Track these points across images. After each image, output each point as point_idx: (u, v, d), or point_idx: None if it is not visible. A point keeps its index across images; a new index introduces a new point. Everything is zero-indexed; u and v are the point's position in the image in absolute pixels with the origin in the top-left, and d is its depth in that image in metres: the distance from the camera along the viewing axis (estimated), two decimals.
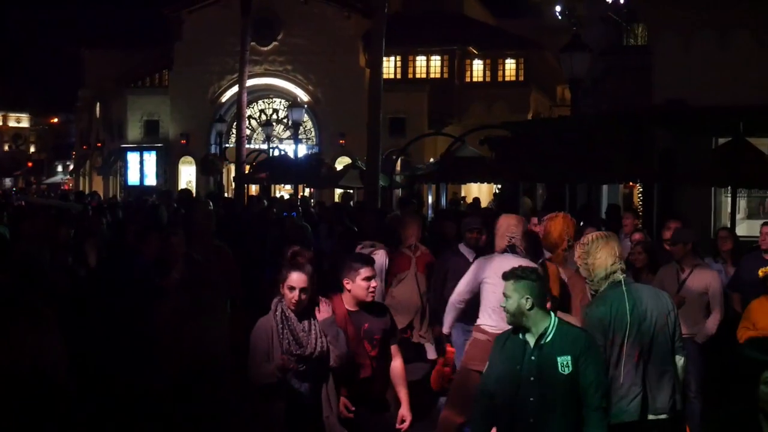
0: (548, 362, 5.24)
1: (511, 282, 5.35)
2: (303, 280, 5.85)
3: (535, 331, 5.30)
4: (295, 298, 5.83)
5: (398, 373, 6.44)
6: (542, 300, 5.37)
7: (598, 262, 5.85)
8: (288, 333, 5.81)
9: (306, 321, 5.91)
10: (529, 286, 5.30)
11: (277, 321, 5.85)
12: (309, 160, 32.14)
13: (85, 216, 15.44)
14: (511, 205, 20.62)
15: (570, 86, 17.30)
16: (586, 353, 5.27)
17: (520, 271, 5.41)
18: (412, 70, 45.64)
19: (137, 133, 48.69)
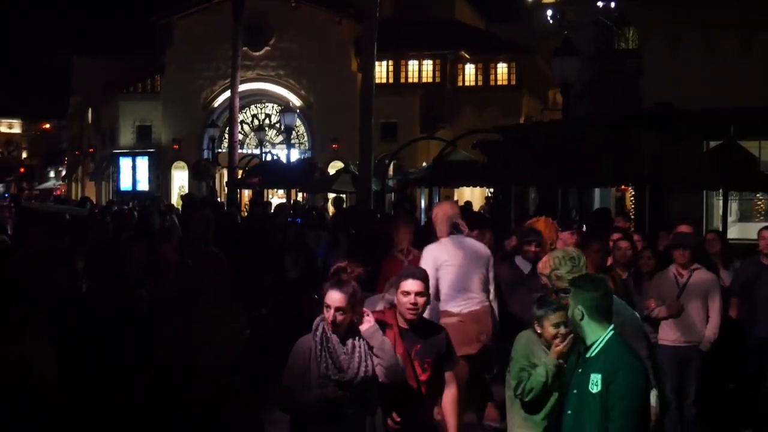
0: (585, 377, 5.03)
1: (571, 290, 5.21)
2: (339, 299, 5.31)
3: (587, 343, 5.12)
4: (330, 317, 5.32)
5: (450, 403, 5.90)
6: (595, 312, 5.09)
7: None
8: (326, 356, 5.30)
9: (350, 342, 5.36)
10: (582, 297, 5.10)
11: (316, 342, 5.36)
12: (302, 165, 32.17)
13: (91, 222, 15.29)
14: (503, 209, 20.72)
15: (561, 90, 17.36)
16: (613, 376, 4.94)
17: (579, 280, 5.30)
18: (403, 75, 45.68)
19: (129, 139, 48.64)
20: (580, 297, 5.10)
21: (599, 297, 5.12)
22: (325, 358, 5.29)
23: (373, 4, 22.54)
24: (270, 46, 44.90)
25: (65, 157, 71.72)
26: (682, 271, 8.63)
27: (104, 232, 11.57)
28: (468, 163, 23.43)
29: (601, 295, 5.14)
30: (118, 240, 10.73)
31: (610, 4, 26.20)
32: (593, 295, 5.10)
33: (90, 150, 55.73)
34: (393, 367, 5.39)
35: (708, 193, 16.43)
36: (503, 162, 19.58)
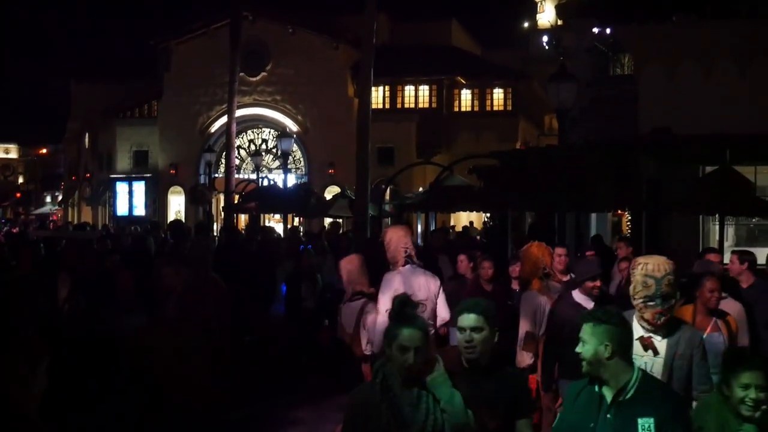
0: (626, 423, 4.44)
1: (590, 325, 4.60)
2: (418, 337, 4.57)
3: (614, 384, 4.52)
4: (409, 361, 4.51)
5: None
6: (625, 349, 4.61)
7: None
8: (386, 408, 4.53)
9: (414, 390, 4.57)
10: (610, 332, 4.53)
11: (376, 391, 4.58)
12: (298, 190, 32.11)
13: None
14: (500, 234, 20.71)
15: (557, 115, 17.43)
16: (673, 418, 4.43)
17: (602, 314, 4.69)
18: (400, 100, 45.80)
19: (126, 164, 48.69)
20: (609, 332, 4.54)
21: (628, 333, 4.70)
22: (386, 412, 4.54)
23: (370, 30, 22.63)
24: (267, 72, 45.07)
25: (62, 182, 71.74)
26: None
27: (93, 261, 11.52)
28: (464, 188, 23.43)
29: (629, 330, 4.73)
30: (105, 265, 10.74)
31: (605, 31, 26.30)
32: (623, 330, 4.63)
33: (87, 175, 55.76)
34: (462, 427, 4.65)
35: (704, 218, 16.46)
36: (500, 187, 19.59)
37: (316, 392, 11.46)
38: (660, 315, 5.61)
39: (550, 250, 8.87)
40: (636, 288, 5.68)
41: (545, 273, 8.56)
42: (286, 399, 11.40)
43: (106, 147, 50.41)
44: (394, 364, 4.56)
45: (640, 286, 5.64)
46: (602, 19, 22.66)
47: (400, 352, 4.51)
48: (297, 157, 44.74)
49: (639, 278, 5.66)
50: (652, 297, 5.56)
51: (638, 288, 5.65)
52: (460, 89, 45.85)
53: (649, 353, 5.65)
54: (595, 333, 4.55)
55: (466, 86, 45.72)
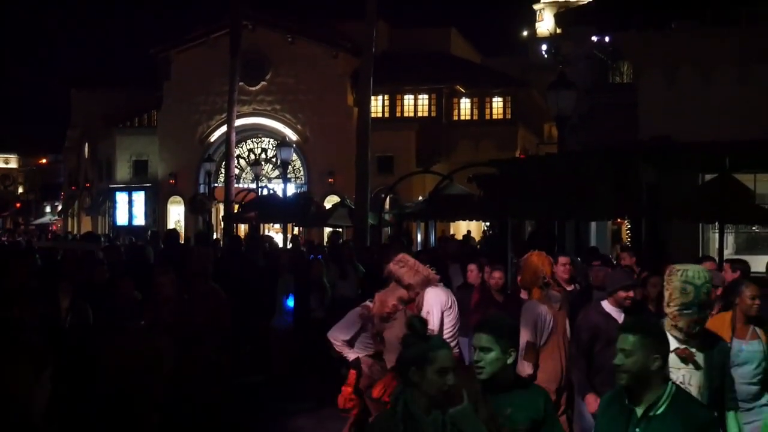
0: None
1: (637, 336, 4.34)
2: (452, 357, 4.30)
3: (646, 398, 4.32)
4: (449, 382, 4.17)
5: None
6: (666, 361, 4.45)
7: None
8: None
9: (439, 419, 4.18)
10: (658, 343, 4.36)
11: (397, 421, 4.19)
12: (298, 199, 32.09)
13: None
14: (500, 243, 20.67)
15: (557, 123, 17.40)
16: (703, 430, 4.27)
17: (649, 325, 4.54)
18: (399, 109, 45.80)
19: (126, 173, 48.68)
20: (656, 345, 4.35)
21: (668, 345, 4.52)
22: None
23: (370, 39, 22.65)
24: (266, 81, 45.08)
25: (61, 192, 71.74)
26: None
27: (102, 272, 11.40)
28: (464, 197, 23.44)
29: (668, 342, 4.54)
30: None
31: (604, 38, 26.31)
32: (666, 342, 4.47)
33: (86, 184, 55.75)
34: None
35: (704, 226, 16.44)
36: (499, 195, 19.56)
37: (316, 401, 11.43)
38: (695, 324, 5.46)
39: (550, 260, 8.78)
40: (672, 295, 5.50)
41: (545, 282, 8.44)
42: (286, 407, 11.39)
43: (106, 156, 50.41)
44: (429, 388, 4.16)
45: (677, 293, 5.46)
46: (601, 27, 22.67)
47: (438, 375, 4.15)
48: (297, 166, 44.73)
49: (677, 285, 5.48)
50: (690, 305, 5.41)
51: (675, 295, 5.48)
52: (460, 98, 45.86)
53: (689, 366, 5.49)
54: (644, 345, 4.32)
55: (466, 95, 45.72)
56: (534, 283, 8.48)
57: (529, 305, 8.43)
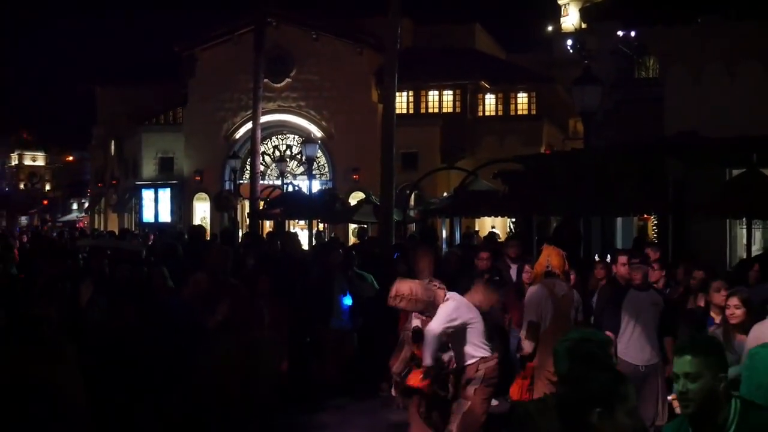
0: None
1: (700, 357, 3.82)
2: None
3: (713, 422, 3.80)
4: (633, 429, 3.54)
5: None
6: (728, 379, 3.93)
7: None
8: None
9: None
10: (723, 360, 3.86)
11: None
12: (323, 196, 32.18)
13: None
14: (525, 239, 20.64)
15: (582, 119, 17.33)
16: None
17: (712, 341, 4.14)
18: (424, 105, 45.75)
19: (152, 171, 48.93)
20: (721, 362, 3.85)
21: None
22: None
23: (394, 35, 22.64)
24: (291, 78, 45.17)
25: (88, 189, 72.22)
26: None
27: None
28: (489, 193, 23.40)
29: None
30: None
31: (630, 33, 26.18)
32: (726, 357, 3.98)
33: (113, 182, 56.08)
34: None
35: (731, 222, 16.33)
36: (524, 191, 19.54)
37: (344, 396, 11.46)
38: None
39: (559, 253, 9.45)
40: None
41: (548, 272, 9.24)
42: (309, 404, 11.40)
43: (132, 154, 50.70)
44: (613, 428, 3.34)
45: None
46: (626, 22, 22.52)
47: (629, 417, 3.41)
48: (321, 162, 44.80)
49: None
50: None
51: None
52: (484, 93, 45.74)
53: None
54: (709, 365, 3.80)
55: (490, 90, 45.61)
56: (539, 272, 9.42)
57: (531, 289, 9.43)
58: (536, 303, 9.14)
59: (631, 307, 9.08)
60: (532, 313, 9.15)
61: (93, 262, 12.26)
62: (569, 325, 9.01)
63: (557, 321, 9.03)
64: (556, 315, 9.06)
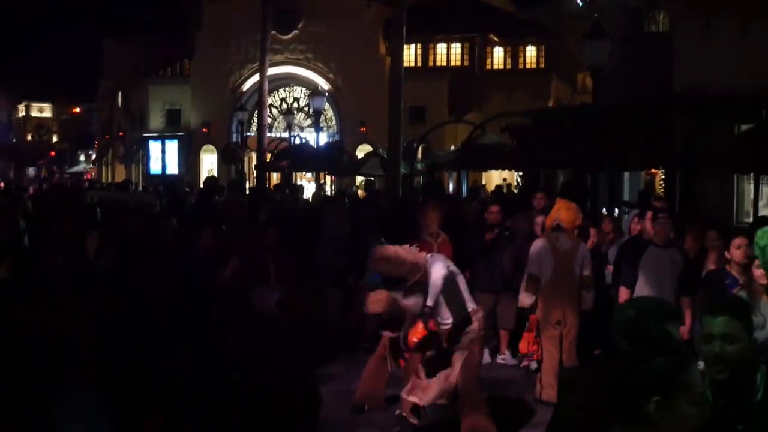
0: (765, 430, 3.47)
1: (737, 319, 3.54)
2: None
3: (739, 390, 3.51)
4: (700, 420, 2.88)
5: None
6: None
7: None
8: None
9: None
10: (752, 324, 3.61)
11: None
12: (330, 149, 32.19)
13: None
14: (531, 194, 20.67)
15: (591, 74, 17.31)
16: None
17: (748, 304, 3.97)
18: (432, 58, 45.53)
19: (159, 123, 48.92)
20: (751, 325, 3.60)
21: None
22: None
23: None
24: (299, 30, 44.93)
25: (95, 141, 72.24)
26: None
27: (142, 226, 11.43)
28: (496, 147, 23.41)
29: None
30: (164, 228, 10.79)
31: None
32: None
33: (120, 134, 56.11)
34: None
35: (739, 177, 16.33)
36: (532, 146, 19.54)
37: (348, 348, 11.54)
38: None
39: (570, 206, 9.44)
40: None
41: (556, 225, 9.30)
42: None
43: (139, 106, 50.65)
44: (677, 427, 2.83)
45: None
46: None
47: (693, 407, 2.82)
48: (329, 115, 44.72)
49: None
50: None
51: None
52: (493, 47, 45.50)
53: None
54: (745, 327, 3.55)
55: (499, 44, 45.37)
56: (549, 226, 9.46)
57: (535, 242, 9.50)
58: (537, 257, 9.25)
59: (650, 263, 8.60)
60: (533, 267, 9.28)
61: (103, 214, 12.36)
62: (572, 279, 9.13)
63: (559, 275, 9.12)
64: (558, 269, 9.11)
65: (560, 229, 9.32)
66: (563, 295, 9.12)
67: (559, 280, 9.07)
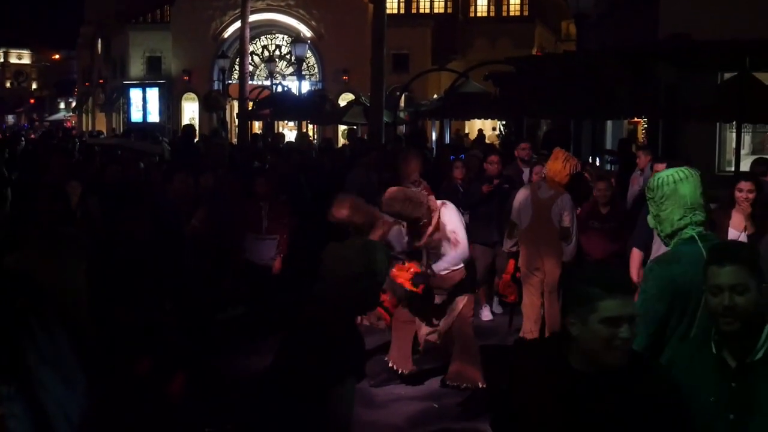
0: (758, 391, 3.29)
1: (745, 267, 3.33)
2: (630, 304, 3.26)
3: (741, 345, 3.32)
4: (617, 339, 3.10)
5: None
6: None
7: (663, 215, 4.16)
8: None
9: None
10: (761, 271, 3.37)
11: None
12: (312, 97, 31.98)
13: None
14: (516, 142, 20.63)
15: (575, 21, 17.16)
16: None
17: (755, 249, 3.73)
18: (415, 5, 45.22)
19: (139, 70, 48.46)
20: (761, 272, 3.35)
21: None
22: None
23: None
24: None
25: (75, 88, 71.54)
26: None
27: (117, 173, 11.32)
28: (480, 95, 23.30)
29: None
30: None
31: None
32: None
33: (100, 81, 55.58)
34: None
35: (721, 126, 16.33)
36: (516, 94, 19.46)
37: None
38: None
39: (556, 155, 9.34)
40: None
41: (544, 176, 9.40)
42: None
43: (119, 53, 50.12)
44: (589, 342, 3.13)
45: None
46: None
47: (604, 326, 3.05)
48: (311, 63, 44.41)
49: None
50: None
51: None
52: None
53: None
54: (753, 275, 3.33)
55: None
56: (542, 175, 9.53)
57: (520, 191, 9.56)
58: (517, 204, 9.33)
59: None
60: (513, 214, 9.40)
61: (86, 162, 12.25)
62: (550, 228, 9.09)
63: (537, 223, 9.12)
64: (535, 217, 9.12)
65: (544, 180, 9.35)
66: (541, 243, 9.14)
67: (537, 228, 9.10)
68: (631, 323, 3.03)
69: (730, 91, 13.02)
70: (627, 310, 3.03)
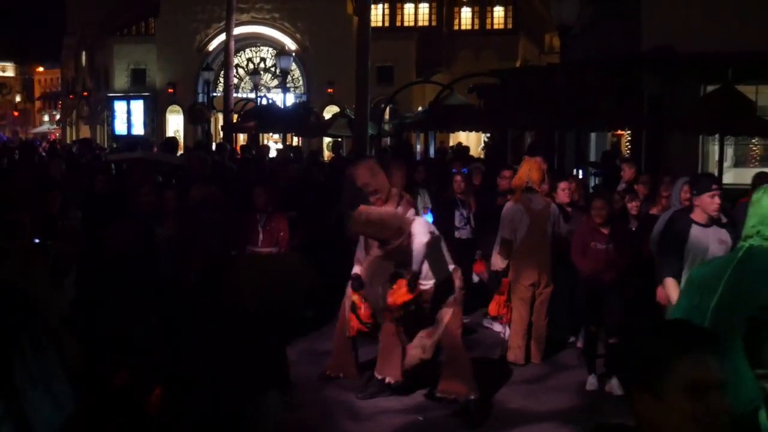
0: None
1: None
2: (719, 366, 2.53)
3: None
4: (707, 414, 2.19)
5: None
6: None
7: (747, 217, 4.32)
8: None
9: None
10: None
11: None
12: (297, 109, 31.97)
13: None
14: (499, 154, 20.68)
15: (559, 33, 17.21)
16: None
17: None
18: (400, 18, 45.32)
19: (124, 82, 48.35)
20: None
21: None
22: None
23: None
24: None
25: (59, 101, 71.33)
26: None
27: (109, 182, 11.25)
28: (464, 107, 23.35)
29: None
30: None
31: None
32: None
33: (84, 93, 55.39)
34: None
35: (704, 138, 16.41)
36: (500, 106, 19.51)
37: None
38: None
39: (540, 166, 9.33)
40: None
41: (528, 187, 9.19)
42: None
43: (104, 65, 50.00)
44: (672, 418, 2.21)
45: None
46: None
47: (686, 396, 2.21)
48: (296, 75, 44.42)
49: None
50: None
51: None
52: (460, 7, 45.34)
53: None
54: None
55: (467, 4, 45.21)
56: (518, 186, 9.30)
57: (507, 205, 9.35)
58: (509, 219, 9.16)
59: (696, 246, 6.65)
60: (506, 230, 9.19)
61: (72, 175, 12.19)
62: (546, 239, 9.09)
63: (533, 235, 9.08)
64: (532, 229, 9.07)
65: (532, 191, 9.24)
66: (537, 255, 9.10)
67: (533, 240, 9.04)
68: (722, 390, 2.21)
69: (713, 103, 13.10)
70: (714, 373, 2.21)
